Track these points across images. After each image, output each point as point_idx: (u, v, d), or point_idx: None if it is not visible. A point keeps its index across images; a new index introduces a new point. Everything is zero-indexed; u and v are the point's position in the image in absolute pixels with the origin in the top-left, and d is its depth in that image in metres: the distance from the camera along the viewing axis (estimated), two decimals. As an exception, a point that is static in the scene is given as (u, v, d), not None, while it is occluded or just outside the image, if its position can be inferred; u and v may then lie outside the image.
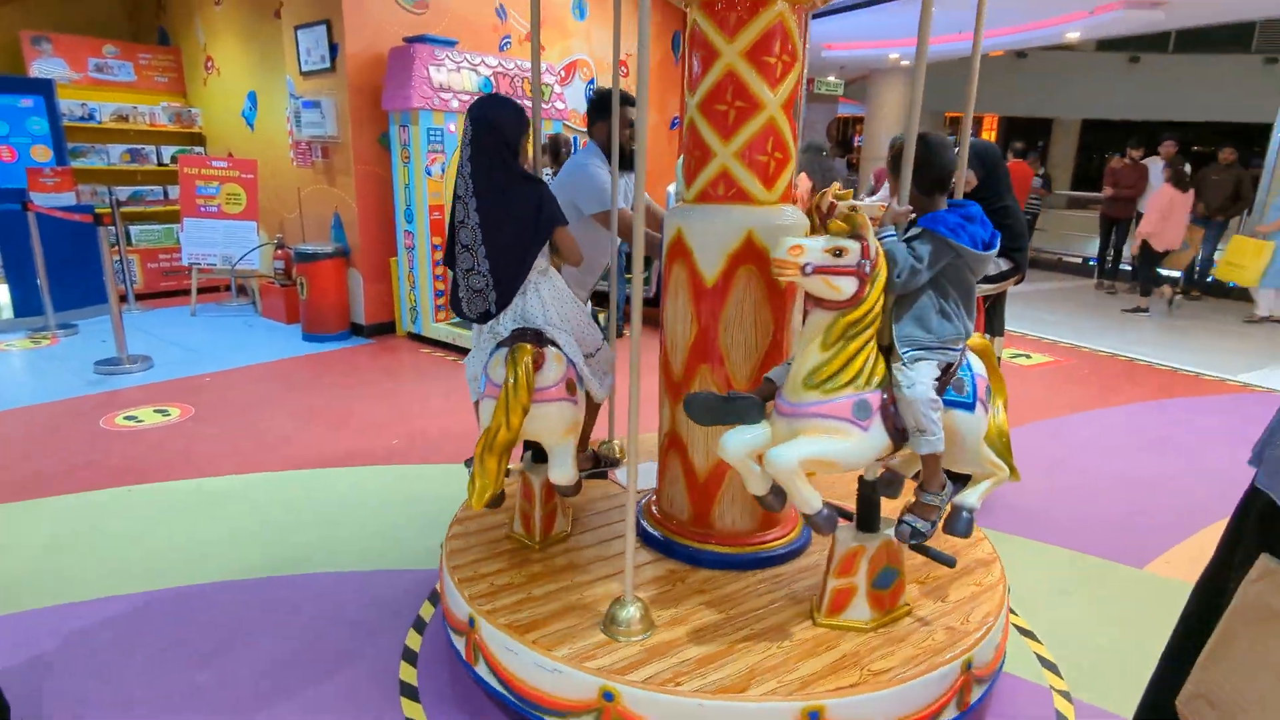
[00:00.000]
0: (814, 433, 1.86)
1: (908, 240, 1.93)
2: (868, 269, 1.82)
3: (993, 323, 3.52)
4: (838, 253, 1.79)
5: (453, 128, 6.00)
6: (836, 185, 2.03)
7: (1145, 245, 8.00)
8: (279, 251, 7.19)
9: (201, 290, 7.56)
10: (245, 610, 2.65)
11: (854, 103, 19.05)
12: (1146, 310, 8.16)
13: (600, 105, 3.19)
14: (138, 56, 8.21)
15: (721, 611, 2.12)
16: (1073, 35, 10.96)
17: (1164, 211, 7.78)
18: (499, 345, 2.22)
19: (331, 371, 5.53)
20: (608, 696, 1.81)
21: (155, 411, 4.59)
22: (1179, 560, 3.12)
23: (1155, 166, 8.81)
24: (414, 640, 2.48)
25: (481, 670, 2.06)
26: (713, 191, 2.29)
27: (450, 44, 5.97)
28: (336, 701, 2.21)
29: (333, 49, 6.02)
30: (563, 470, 2.25)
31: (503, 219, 2.21)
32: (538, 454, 2.48)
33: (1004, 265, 3.23)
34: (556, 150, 5.72)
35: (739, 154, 2.23)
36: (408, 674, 2.32)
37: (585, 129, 8.14)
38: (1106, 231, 9.57)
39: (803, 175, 4.75)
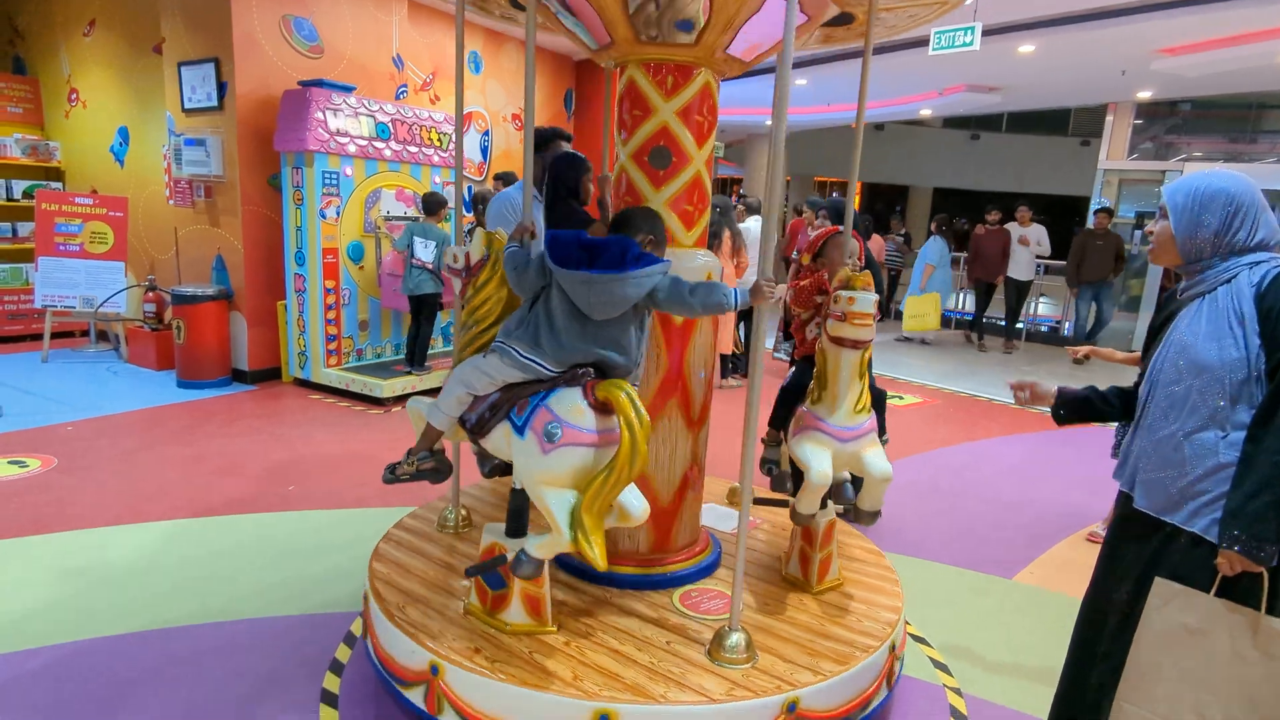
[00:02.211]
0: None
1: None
2: (464, 274, 2.36)
3: None
4: (454, 259, 2.37)
5: (349, 171, 5.95)
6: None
7: None
8: (150, 294, 6.77)
9: (54, 335, 6.95)
10: (137, 666, 2.47)
11: (732, 165, 20.21)
12: None
13: (537, 143, 3.39)
14: (-12, 85, 7.62)
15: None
16: (925, 112, 12.23)
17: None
18: None
19: (213, 419, 5.23)
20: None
21: (10, 463, 4.18)
22: (1041, 570, 3.50)
23: (1018, 232, 9.08)
24: (332, 683, 2.40)
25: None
26: None
27: (348, 89, 5.95)
28: (251, 750, 2.11)
29: (221, 87, 5.86)
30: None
31: None
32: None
33: None
34: (430, 206, 5.87)
35: (668, 202, 2.43)
36: (328, 716, 2.24)
37: (479, 178, 8.24)
38: (981, 293, 9.75)
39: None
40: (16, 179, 7.67)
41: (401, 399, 5.81)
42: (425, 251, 5.65)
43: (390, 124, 6.19)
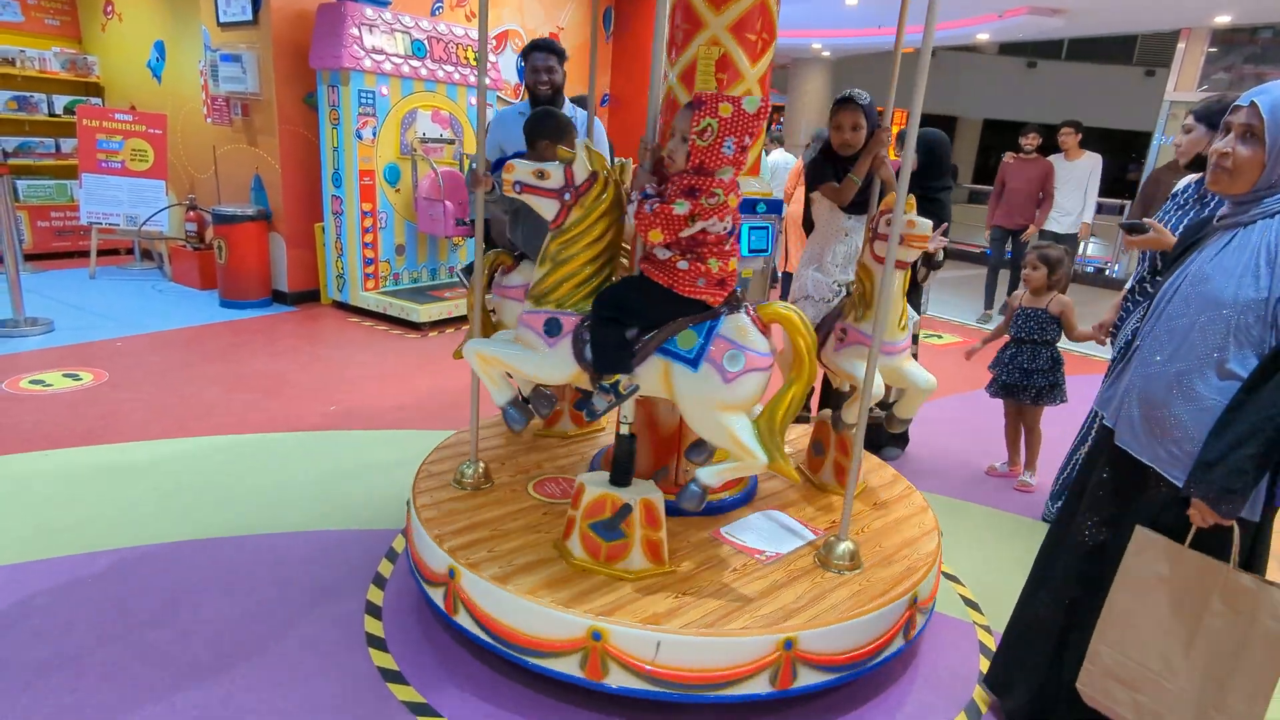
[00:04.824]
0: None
1: None
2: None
3: (913, 299, 3.74)
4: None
5: (385, 90, 5.84)
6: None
7: None
8: (191, 213, 6.82)
9: (100, 253, 7.07)
10: (192, 572, 2.58)
11: (774, 91, 19.49)
12: None
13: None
14: (25, -5, 7.55)
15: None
16: (982, 37, 11.60)
17: None
18: None
19: (256, 339, 5.33)
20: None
21: (64, 376, 4.32)
22: (1076, 515, 3.47)
23: (1064, 165, 7.06)
24: (376, 595, 2.49)
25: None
26: None
27: (383, 4, 5.79)
28: (301, 654, 2.21)
29: (255, 1, 5.74)
30: None
31: None
32: None
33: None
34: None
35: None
36: (373, 627, 2.34)
37: (516, 99, 8.07)
38: (999, 245, 7.32)
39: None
40: (57, 94, 7.68)
41: (438, 324, 5.86)
42: None
43: (426, 42, 6.04)
